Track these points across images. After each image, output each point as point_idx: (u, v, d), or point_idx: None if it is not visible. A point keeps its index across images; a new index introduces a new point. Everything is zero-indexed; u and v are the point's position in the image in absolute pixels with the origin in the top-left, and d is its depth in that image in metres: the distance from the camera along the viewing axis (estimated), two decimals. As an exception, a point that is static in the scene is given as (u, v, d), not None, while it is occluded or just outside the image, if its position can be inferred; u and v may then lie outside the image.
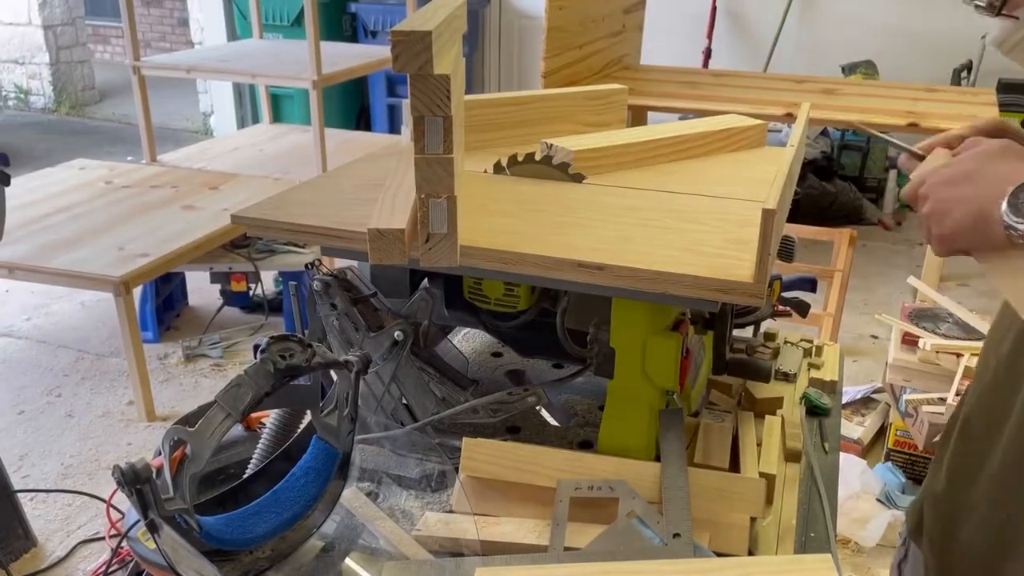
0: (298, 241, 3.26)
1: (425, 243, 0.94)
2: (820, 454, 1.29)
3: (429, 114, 0.89)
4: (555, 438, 1.23)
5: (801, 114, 1.32)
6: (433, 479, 1.13)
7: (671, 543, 0.97)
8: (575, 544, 0.99)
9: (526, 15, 6.02)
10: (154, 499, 0.86)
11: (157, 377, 3.36)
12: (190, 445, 0.89)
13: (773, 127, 4.32)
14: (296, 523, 1.02)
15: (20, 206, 3.42)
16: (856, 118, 3.54)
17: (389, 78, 5.68)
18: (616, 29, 3.98)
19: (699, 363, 1.25)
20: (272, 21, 5.48)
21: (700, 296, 0.95)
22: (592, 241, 1.03)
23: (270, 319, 3.80)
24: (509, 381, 1.35)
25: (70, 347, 3.65)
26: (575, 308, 1.19)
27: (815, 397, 1.39)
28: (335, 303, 1.20)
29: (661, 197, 1.21)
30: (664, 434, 1.10)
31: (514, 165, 1.26)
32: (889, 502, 2.57)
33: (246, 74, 4.12)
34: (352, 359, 1.04)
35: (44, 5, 7.54)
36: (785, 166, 1.02)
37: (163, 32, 9.45)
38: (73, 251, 3.06)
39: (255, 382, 0.94)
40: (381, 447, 1.18)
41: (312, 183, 1.28)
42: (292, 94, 5.38)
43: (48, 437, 3.02)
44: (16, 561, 2.40)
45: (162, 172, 4.02)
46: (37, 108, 7.86)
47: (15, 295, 4.07)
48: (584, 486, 1.04)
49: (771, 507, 1.10)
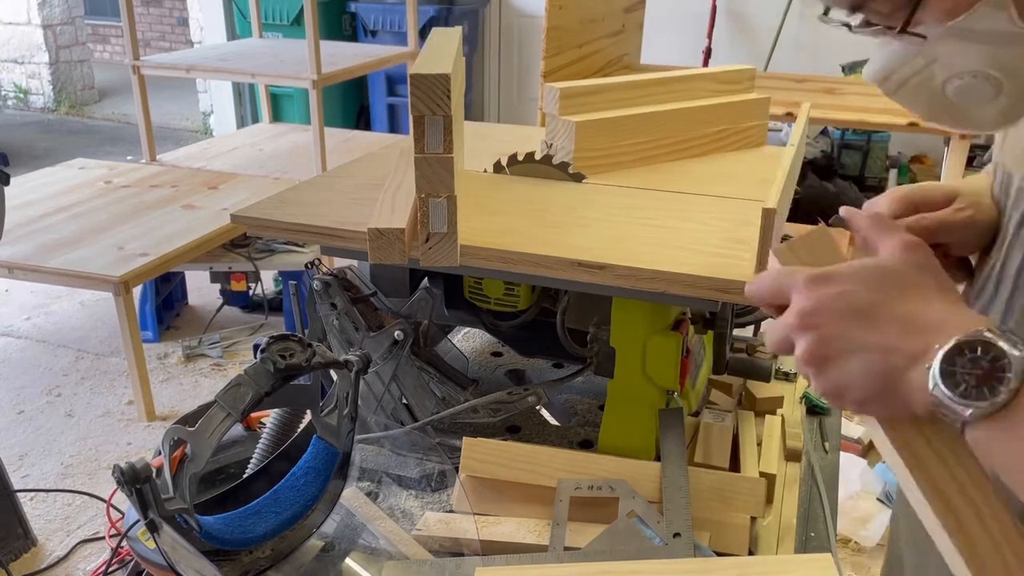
0: (298, 240, 3.25)
1: (425, 243, 0.94)
2: (820, 453, 1.29)
3: (429, 114, 0.89)
4: (555, 438, 1.23)
5: (801, 113, 1.32)
6: (433, 479, 1.13)
7: (671, 543, 0.97)
8: (575, 544, 0.99)
9: (526, 15, 6.02)
10: (154, 499, 0.86)
11: (157, 377, 3.36)
12: (190, 445, 0.89)
13: (773, 127, 4.32)
14: (296, 523, 1.02)
15: (20, 206, 3.42)
16: (856, 117, 3.54)
17: (389, 77, 5.68)
18: (616, 29, 3.98)
19: (699, 363, 1.25)
20: (272, 20, 5.48)
21: (700, 295, 0.95)
22: (592, 240, 1.03)
23: (270, 319, 3.80)
24: (509, 381, 1.35)
25: (70, 347, 3.65)
26: (575, 308, 1.18)
27: (815, 396, 1.39)
28: (335, 303, 1.19)
29: (661, 196, 1.21)
30: (664, 434, 1.10)
31: (514, 164, 1.26)
32: (890, 501, 2.57)
33: (246, 73, 4.12)
34: (352, 359, 1.04)
35: (43, 4, 7.53)
36: (785, 165, 1.02)
37: (163, 31, 9.45)
38: (73, 251, 3.06)
39: (255, 382, 0.94)
40: (381, 447, 1.18)
41: (312, 182, 1.28)
42: (292, 93, 5.38)
43: (48, 437, 3.02)
44: (16, 561, 2.40)
45: (162, 172, 4.02)
46: (36, 108, 7.86)
47: (15, 295, 4.07)
48: (584, 486, 1.04)
49: (771, 507, 1.10)
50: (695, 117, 1.38)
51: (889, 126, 3.55)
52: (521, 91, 6.20)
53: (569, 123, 1.25)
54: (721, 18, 5.59)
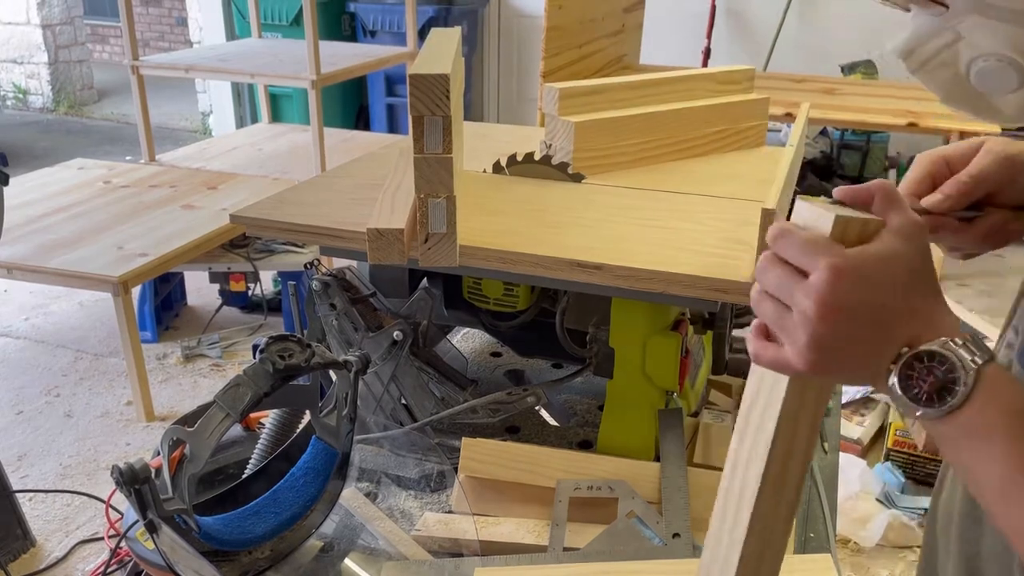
0: (297, 241, 3.25)
1: (424, 243, 0.94)
2: (820, 454, 1.29)
3: (429, 114, 0.89)
4: (555, 438, 1.23)
5: (801, 114, 1.32)
6: (432, 479, 1.12)
7: (670, 543, 0.97)
8: (574, 544, 0.99)
9: (525, 15, 6.01)
10: (153, 499, 0.86)
11: (156, 377, 3.36)
12: (189, 445, 0.89)
13: (773, 127, 4.32)
14: (295, 523, 1.02)
15: (19, 206, 3.42)
16: (855, 118, 3.54)
17: (388, 78, 5.68)
18: (616, 28, 3.98)
19: (699, 363, 1.25)
20: (271, 20, 5.48)
21: (699, 296, 0.94)
22: (591, 241, 1.03)
23: (269, 319, 3.80)
24: (508, 381, 1.35)
25: (69, 347, 3.65)
26: (574, 308, 1.18)
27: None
28: (334, 303, 1.19)
29: (660, 197, 1.21)
30: (664, 434, 1.10)
31: (513, 165, 1.26)
32: (889, 502, 2.57)
33: (245, 74, 4.12)
34: (351, 359, 1.04)
35: (43, 4, 7.53)
36: (784, 166, 1.02)
37: (162, 31, 9.45)
38: (72, 251, 3.05)
39: (254, 382, 0.94)
40: (380, 447, 1.18)
41: (311, 183, 1.28)
42: (291, 94, 5.38)
43: (47, 437, 3.02)
44: (15, 561, 2.40)
45: (161, 172, 4.01)
46: (36, 108, 7.85)
47: (14, 295, 4.07)
48: (584, 486, 1.04)
49: (771, 507, 1.10)
50: (695, 117, 1.38)
51: (888, 126, 3.55)
52: (520, 91, 6.20)
53: (568, 123, 1.25)
54: (721, 18, 5.59)
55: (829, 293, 0.60)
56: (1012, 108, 0.72)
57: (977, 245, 0.85)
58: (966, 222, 0.82)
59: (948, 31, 0.70)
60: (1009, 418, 0.58)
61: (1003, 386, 0.60)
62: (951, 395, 0.59)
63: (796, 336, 0.62)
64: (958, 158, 0.83)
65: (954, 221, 0.81)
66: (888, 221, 0.64)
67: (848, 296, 0.60)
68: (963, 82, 0.72)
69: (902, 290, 0.62)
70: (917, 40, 0.72)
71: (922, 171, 0.83)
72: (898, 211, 0.64)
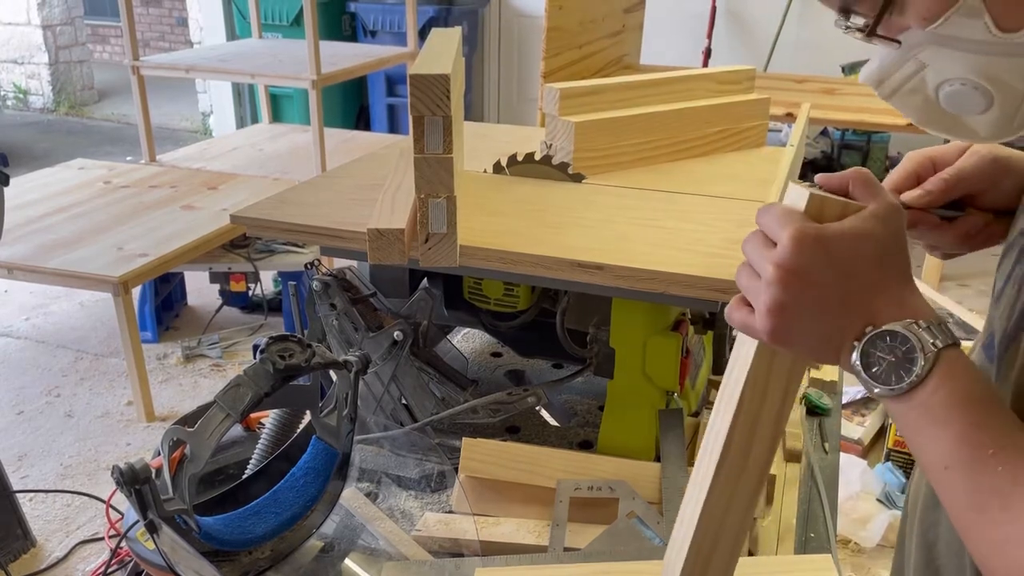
0: (297, 241, 3.26)
1: (424, 243, 0.94)
2: (820, 454, 1.29)
3: (429, 114, 0.89)
4: (555, 438, 1.23)
5: (801, 114, 1.32)
6: (432, 479, 1.12)
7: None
8: (575, 544, 0.99)
9: (526, 15, 6.01)
10: (153, 499, 0.86)
11: (156, 377, 3.36)
12: (189, 445, 0.89)
13: (773, 127, 4.32)
14: (295, 523, 1.02)
15: (19, 206, 3.42)
16: (856, 118, 3.54)
17: (388, 78, 5.68)
18: (616, 29, 3.98)
19: (699, 363, 1.25)
20: (271, 21, 5.48)
21: (699, 296, 0.94)
22: (591, 241, 1.03)
23: (269, 319, 3.80)
24: (509, 381, 1.35)
25: (69, 347, 3.65)
26: (575, 308, 1.18)
27: (815, 397, 1.39)
28: (335, 303, 1.19)
29: (660, 197, 1.21)
30: (664, 434, 1.10)
31: (513, 165, 1.26)
32: (889, 502, 2.57)
33: (245, 74, 4.12)
34: (351, 359, 1.04)
35: (43, 5, 7.53)
36: (785, 166, 1.02)
37: (162, 32, 9.45)
38: (72, 251, 3.06)
39: (254, 382, 0.94)
40: (380, 447, 1.18)
41: (311, 183, 1.28)
42: (291, 94, 5.38)
43: (47, 437, 3.02)
44: (15, 561, 2.40)
45: (161, 172, 4.02)
46: (36, 108, 7.86)
47: (14, 295, 4.07)
48: (584, 486, 1.04)
49: (771, 507, 1.10)
50: (695, 117, 1.38)
51: (889, 127, 3.55)
52: (521, 91, 6.20)
53: (569, 123, 1.25)
54: (721, 18, 5.59)
55: (787, 259, 0.62)
56: (985, 128, 0.72)
57: (957, 245, 0.86)
58: (947, 221, 0.83)
59: (912, 60, 0.71)
60: (963, 402, 0.60)
61: (961, 371, 0.61)
62: (908, 375, 0.60)
63: (759, 301, 0.64)
64: (944, 158, 0.84)
65: (934, 218, 0.82)
66: (866, 205, 0.66)
67: (808, 263, 0.62)
68: (934, 106, 0.73)
69: (869, 267, 0.63)
70: (884, 71, 0.73)
71: (908, 169, 0.85)
72: (875, 196, 0.66)
